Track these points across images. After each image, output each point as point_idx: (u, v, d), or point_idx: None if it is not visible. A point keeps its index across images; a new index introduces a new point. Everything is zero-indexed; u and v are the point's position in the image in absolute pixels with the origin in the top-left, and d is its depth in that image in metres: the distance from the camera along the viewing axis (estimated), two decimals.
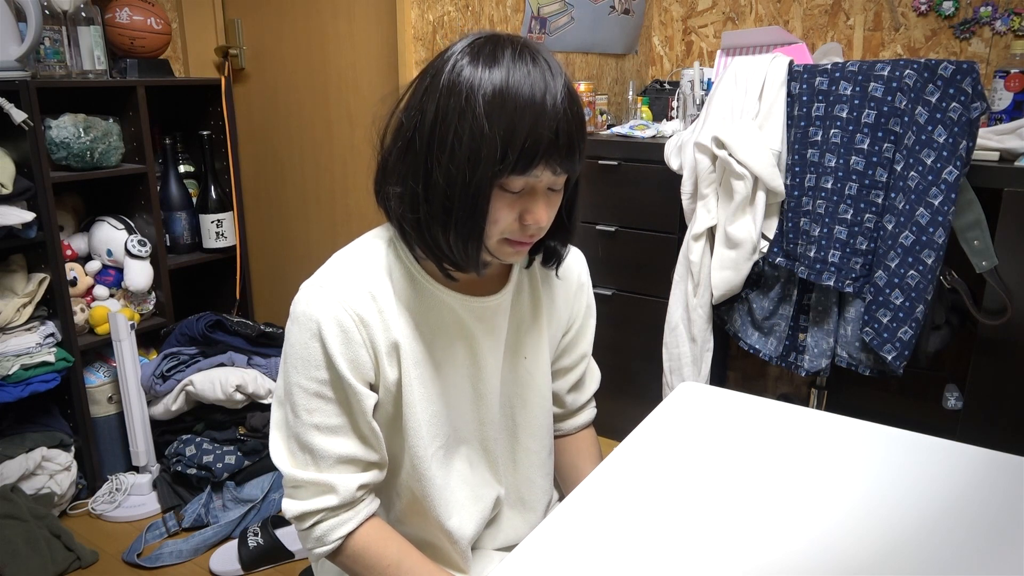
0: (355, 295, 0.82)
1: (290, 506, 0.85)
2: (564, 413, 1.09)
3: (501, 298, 0.91)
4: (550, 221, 0.82)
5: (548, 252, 0.91)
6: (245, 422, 1.94)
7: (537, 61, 0.75)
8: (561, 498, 1.11)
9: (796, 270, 1.73)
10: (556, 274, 0.97)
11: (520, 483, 1.00)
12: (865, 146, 1.60)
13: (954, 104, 1.52)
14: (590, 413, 1.12)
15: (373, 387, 0.86)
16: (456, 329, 0.89)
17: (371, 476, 0.86)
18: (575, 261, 1.03)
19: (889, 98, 1.56)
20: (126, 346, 1.92)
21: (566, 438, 1.11)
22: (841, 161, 1.64)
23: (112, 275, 2.03)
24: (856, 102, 1.61)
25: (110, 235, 2.00)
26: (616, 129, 2.22)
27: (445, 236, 0.79)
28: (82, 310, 1.93)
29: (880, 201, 1.62)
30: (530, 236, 0.81)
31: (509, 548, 1.01)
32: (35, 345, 1.79)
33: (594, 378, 1.11)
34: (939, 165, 1.53)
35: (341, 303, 0.81)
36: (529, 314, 0.96)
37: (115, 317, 1.91)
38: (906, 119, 1.56)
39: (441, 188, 0.76)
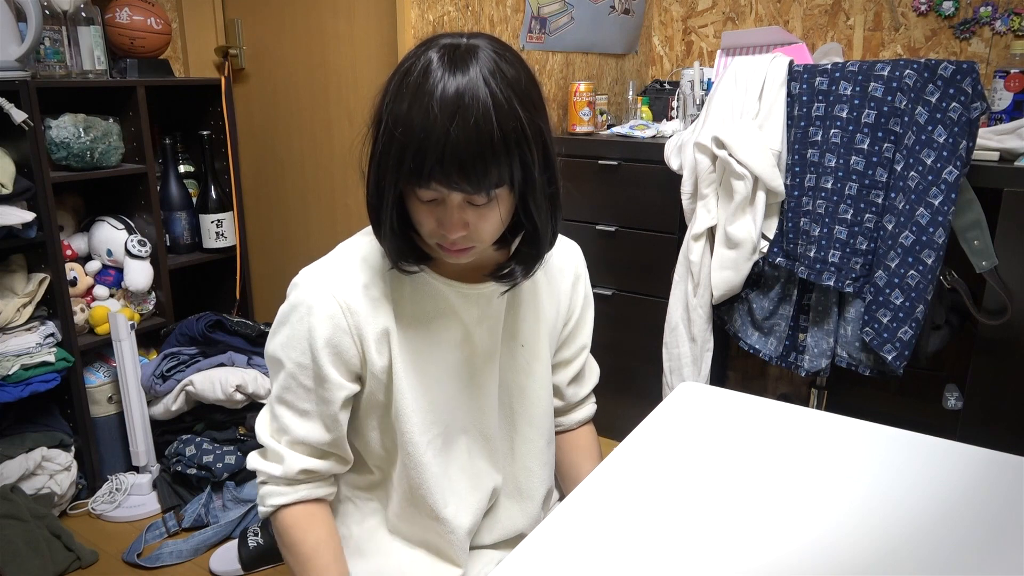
0: (346, 284, 0.86)
1: (251, 459, 0.93)
2: (565, 407, 1.09)
3: (496, 285, 0.92)
4: (483, 233, 0.80)
5: (523, 257, 0.88)
6: (245, 422, 1.94)
7: (466, 72, 0.73)
8: (561, 497, 1.12)
9: (796, 270, 1.73)
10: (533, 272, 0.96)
11: (518, 472, 1.01)
12: (865, 146, 1.60)
13: (954, 104, 1.52)
14: (590, 408, 1.12)
15: (359, 377, 0.89)
16: (450, 316, 0.91)
17: (321, 465, 0.90)
18: (572, 253, 1.04)
19: (889, 98, 1.57)
20: (126, 346, 1.92)
21: (567, 434, 1.11)
22: (841, 161, 1.64)
23: (112, 275, 2.03)
24: (856, 102, 1.61)
25: (110, 235, 1.99)
26: (616, 129, 2.22)
27: (379, 232, 0.83)
28: (82, 310, 1.93)
29: (880, 201, 1.62)
30: (452, 244, 0.80)
31: (507, 540, 1.02)
32: (35, 345, 1.79)
33: (593, 372, 1.12)
34: (939, 165, 1.53)
35: (331, 290, 0.85)
36: (526, 302, 0.97)
37: (115, 317, 1.91)
38: (906, 119, 1.56)
39: (371, 186, 0.81)
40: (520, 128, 0.75)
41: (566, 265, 1.02)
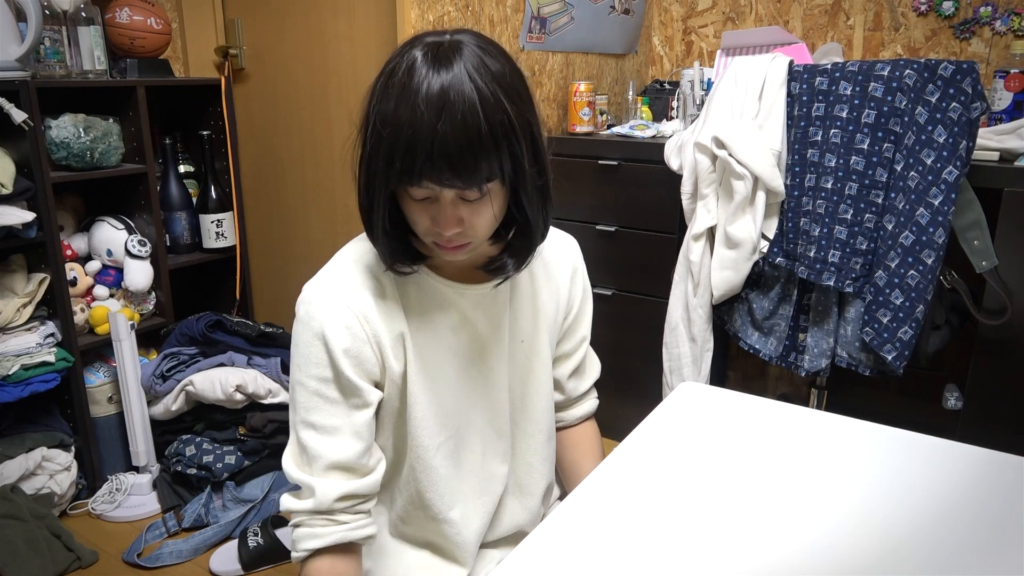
0: (357, 292, 0.84)
1: (283, 501, 0.87)
2: (566, 401, 1.09)
3: (498, 284, 0.92)
4: (478, 229, 0.80)
5: (516, 250, 0.88)
6: (245, 422, 1.94)
7: (450, 68, 0.73)
8: (562, 496, 1.12)
9: (796, 270, 1.73)
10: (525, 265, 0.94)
11: (519, 468, 1.01)
12: (865, 146, 1.60)
13: (954, 104, 1.52)
14: (592, 404, 1.12)
15: (379, 385, 0.87)
16: (457, 318, 0.90)
17: (359, 485, 0.85)
18: (568, 247, 1.04)
19: (889, 98, 1.57)
20: (126, 346, 1.92)
21: (568, 431, 1.11)
22: (841, 161, 1.64)
23: (112, 275, 2.03)
24: (856, 102, 1.61)
25: (110, 235, 1.99)
26: (616, 129, 2.22)
27: (372, 234, 0.83)
28: (82, 310, 1.93)
29: (880, 201, 1.62)
30: (447, 241, 0.80)
31: (507, 537, 1.02)
32: (35, 345, 1.79)
33: (594, 366, 1.12)
34: (939, 165, 1.53)
35: (344, 301, 0.83)
36: (524, 298, 0.97)
37: (115, 317, 1.91)
38: (906, 119, 1.56)
39: (362, 189, 0.81)
40: (507, 121, 0.75)
41: (563, 259, 1.02)
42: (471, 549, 0.95)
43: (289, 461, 0.86)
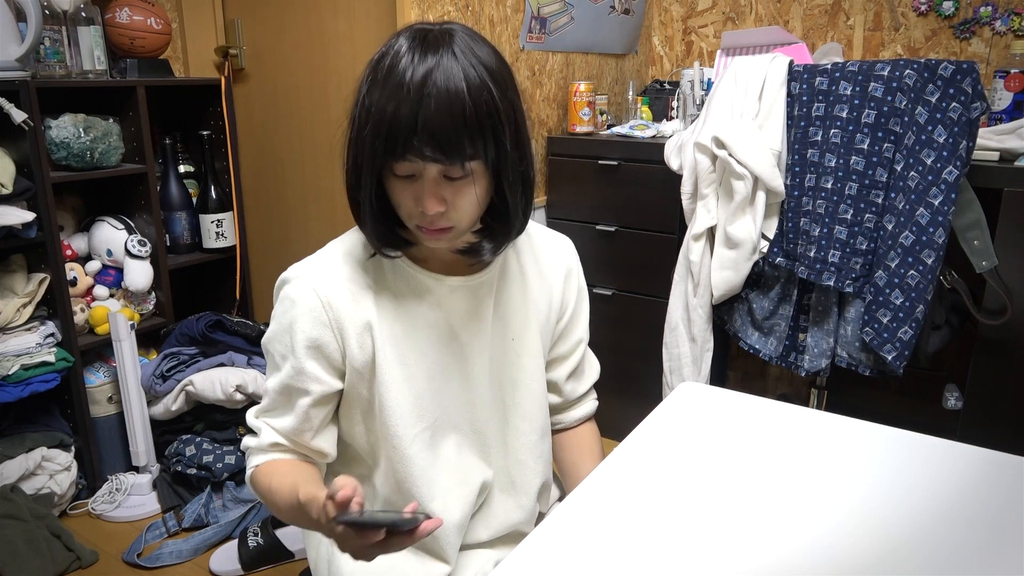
0: (328, 278, 0.88)
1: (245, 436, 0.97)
2: (564, 403, 1.09)
3: (482, 278, 0.92)
4: (461, 212, 0.81)
5: (493, 234, 0.87)
6: (245, 422, 1.94)
7: (437, 53, 0.75)
8: (562, 497, 1.11)
9: (796, 270, 1.73)
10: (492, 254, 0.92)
11: (511, 465, 1.00)
12: (865, 146, 1.61)
13: (954, 104, 1.52)
14: (591, 405, 1.12)
15: (340, 372, 0.90)
16: (436, 310, 0.91)
17: (289, 443, 0.93)
18: (563, 247, 1.04)
19: (889, 98, 1.57)
20: (126, 346, 1.92)
21: (567, 432, 1.10)
22: (841, 161, 1.64)
23: (112, 275, 2.03)
24: (856, 102, 1.61)
25: (110, 235, 2.00)
26: (616, 129, 2.22)
27: (359, 217, 0.84)
28: (82, 310, 1.93)
29: (880, 201, 1.62)
30: (430, 223, 0.81)
31: (502, 536, 1.02)
32: (35, 345, 1.79)
33: (593, 368, 1.11)
34: (939, 165, 1.53)
35: (312, 285, 0.87)
36: (516, 296, 0.97)
37: (115, 317, 1.91)
38: (906, 119, 1.56)
39: (349, 170, 0.82)
40: (492, 102, 0.77)
41: (557, 259, 1.02)
42: (452, 541, 0.95)
43: (254, 407, 0.96)
